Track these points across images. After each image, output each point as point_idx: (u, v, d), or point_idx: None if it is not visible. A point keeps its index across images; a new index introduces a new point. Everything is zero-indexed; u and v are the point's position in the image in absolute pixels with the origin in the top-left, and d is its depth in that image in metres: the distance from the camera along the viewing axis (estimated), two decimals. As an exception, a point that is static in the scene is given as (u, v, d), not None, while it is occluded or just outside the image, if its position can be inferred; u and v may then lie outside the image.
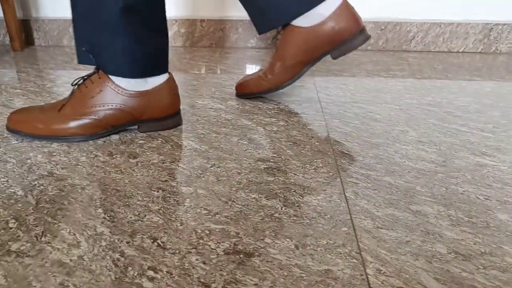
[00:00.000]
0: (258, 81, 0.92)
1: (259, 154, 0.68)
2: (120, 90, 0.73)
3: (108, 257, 0.44)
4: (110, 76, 0.73)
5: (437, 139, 0.74)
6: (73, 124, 0.72)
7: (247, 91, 0.94)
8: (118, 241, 0.47)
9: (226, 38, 1.56)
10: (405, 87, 1.05)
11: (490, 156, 0.67)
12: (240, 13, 1.57)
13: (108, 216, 0.52)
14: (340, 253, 0.45)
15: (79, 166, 0.64)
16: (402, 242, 0.47)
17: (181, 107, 0.90)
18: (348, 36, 0.82)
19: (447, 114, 0.86)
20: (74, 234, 0.48)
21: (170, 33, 1.57)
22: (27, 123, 0.73)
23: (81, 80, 0.75)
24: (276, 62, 0.88)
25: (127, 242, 0.47)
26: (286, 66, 0.87)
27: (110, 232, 0.48)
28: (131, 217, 0.51)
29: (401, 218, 0.51)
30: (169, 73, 0.78)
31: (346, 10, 0.81)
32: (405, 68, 1.24)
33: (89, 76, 0.74)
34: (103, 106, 0.73)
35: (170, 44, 1.59)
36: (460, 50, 1.50)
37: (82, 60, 0.74)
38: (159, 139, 0.74)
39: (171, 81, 0.77)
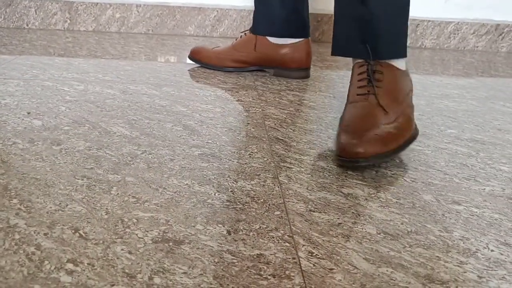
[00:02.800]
0: (210, 54, 1.05)
1: (193, 140, 0.66)
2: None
3: (21, 251, 0.40)
4: None
5: (368, 126, 0.76)
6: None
7: (197, 58, 1.07)
8: (35, 233, 0.43)
9: (163, 25, 1.51)
10: (339, 76, 1.08)
11: (416, 141, 0.70)
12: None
13: (24, 207, 0.47)
14: (273, 237, 0.44)
15: (-7, 155, 0.58)
16: (334, 225, 0.47)
17: (111, 91, 0.86)
18: (294, 66, 1.01)
19: (378, 102, 0.89)
20: (-18, 227, 0.43)
21: (103, 18, 1.49)
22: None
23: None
24: (233, 50, 1.04)
25: (45, 234, 0.43)
26: (236, 58, 1.03)
27: (25, 224, 0.44)
28: (50, 207, 0.47)
29: (333, 201, 0.52)
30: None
31: (305, 45, 1.00)
32: (339, 59, 1.27)
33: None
34: None
35: (104, 30, 1.50)
36: (391, 44, 1.56)
37: None
38: (86, 125, 0.69)
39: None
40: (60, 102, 0.79)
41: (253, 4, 1.04)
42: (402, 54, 0.70)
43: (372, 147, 0.56)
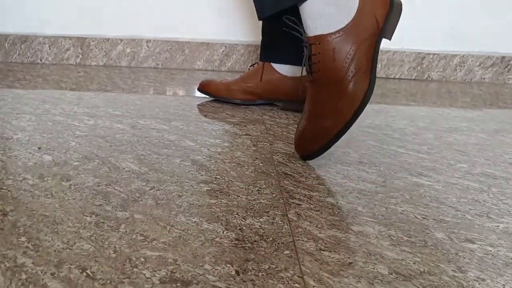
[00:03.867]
0: (219, 86, 1.07)
1: (202, 176, 0.66)
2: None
3: (27, 292, 0.40)
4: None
5: (376, 160, 0.76)
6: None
7: (206, 90, 1.09)
8: (42, 272, 0.42)
9: (172, 59, 1.54)
10: (347, 110, 1.08)
11: (426, 176, 0.70)
12: (187, 35, 1.56)
13: (32, 245, 0.47)
14: (282, 278, 0.43)
15: (3, 190, 0.59)
16: (344, 264, 0.46)
17: (120, 126, 0.87)
18: (303, 99, 1.00)
19: (385, 136, 0.89)
20: (-10, 267, 0.43)
21: (114, 53, 1.53)
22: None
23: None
24: (241, 82, 1.05)
25: (52, 274, 0.42)
26: (245, 89, 1.05)
27: (32, 263, 0.44)
28: (58, 245, 0.47)
29: (343, 239, 0.51)
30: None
31: None
32: (347, 92, 1.28)
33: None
34: None
35: (115, 64, 1.54)
36: (397, 77, 1.58)
37: None
38: (96, 160, 0.70)
39: None
40: (70, 137, 0.80)
41: (259, 39, 1.07)
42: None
43: (316, 145, 0.68)
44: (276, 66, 1.03)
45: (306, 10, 0.68)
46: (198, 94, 1.12)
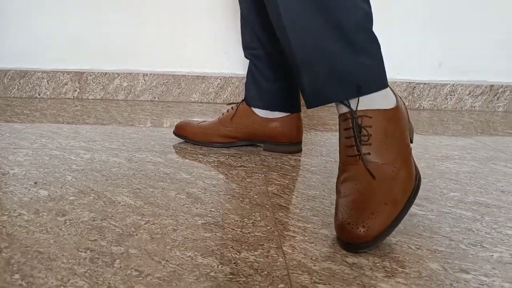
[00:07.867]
0: (195, 129, 1.01)
1: (197, 209, 0.66)
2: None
3: (20, 331, 0.39)
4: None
5: (371, 191, 0.76)
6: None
7: (182, 134, 1.02)
8: (35, 311, 0.42)
9: (168, 92, 1.57)
10: (340, 140, 1.10)
11: (419, 206, 0.70)
12: (183, 68, 1.59)
13: (25, 283, 0.47)
14: (277, 312, 0.43)
15: (-2, 227, 0.59)
16: (339, 297, 0.46)
17: (117, 160, 0.87)
18: (284, 141, 0.97)
19: (379, 166, 0.90)
20: (-17, 306, 0.43)
21: (111, 87, 1.55)
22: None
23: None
24: (220, 126, 0.99)
25: (45, 312, 0.42)
26: (225, 133, 0.99)
27: (26, 301, 0.44)
28: (52, 283, 0.47)
29: (337, 271, 0.51)
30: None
31: (296, 119, 0.97)
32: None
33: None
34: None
35: (112, 98, 1.56)
36: (390, 106, 1.61)
37: None
38: (92, 195, 0.70)
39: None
40: (66, 171, 0.81)
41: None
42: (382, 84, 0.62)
43: (373, 227, 0.53)
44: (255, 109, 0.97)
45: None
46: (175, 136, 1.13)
